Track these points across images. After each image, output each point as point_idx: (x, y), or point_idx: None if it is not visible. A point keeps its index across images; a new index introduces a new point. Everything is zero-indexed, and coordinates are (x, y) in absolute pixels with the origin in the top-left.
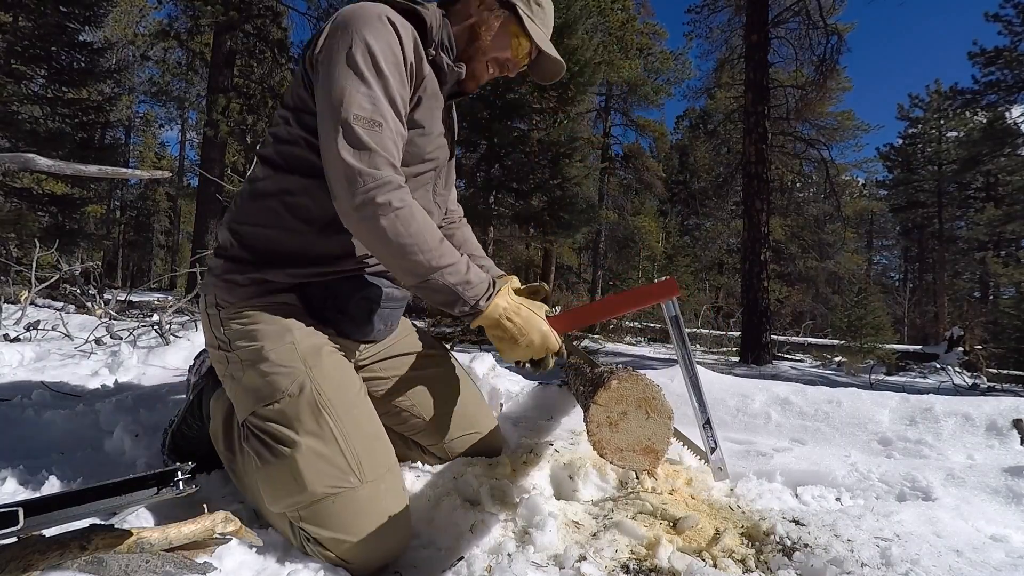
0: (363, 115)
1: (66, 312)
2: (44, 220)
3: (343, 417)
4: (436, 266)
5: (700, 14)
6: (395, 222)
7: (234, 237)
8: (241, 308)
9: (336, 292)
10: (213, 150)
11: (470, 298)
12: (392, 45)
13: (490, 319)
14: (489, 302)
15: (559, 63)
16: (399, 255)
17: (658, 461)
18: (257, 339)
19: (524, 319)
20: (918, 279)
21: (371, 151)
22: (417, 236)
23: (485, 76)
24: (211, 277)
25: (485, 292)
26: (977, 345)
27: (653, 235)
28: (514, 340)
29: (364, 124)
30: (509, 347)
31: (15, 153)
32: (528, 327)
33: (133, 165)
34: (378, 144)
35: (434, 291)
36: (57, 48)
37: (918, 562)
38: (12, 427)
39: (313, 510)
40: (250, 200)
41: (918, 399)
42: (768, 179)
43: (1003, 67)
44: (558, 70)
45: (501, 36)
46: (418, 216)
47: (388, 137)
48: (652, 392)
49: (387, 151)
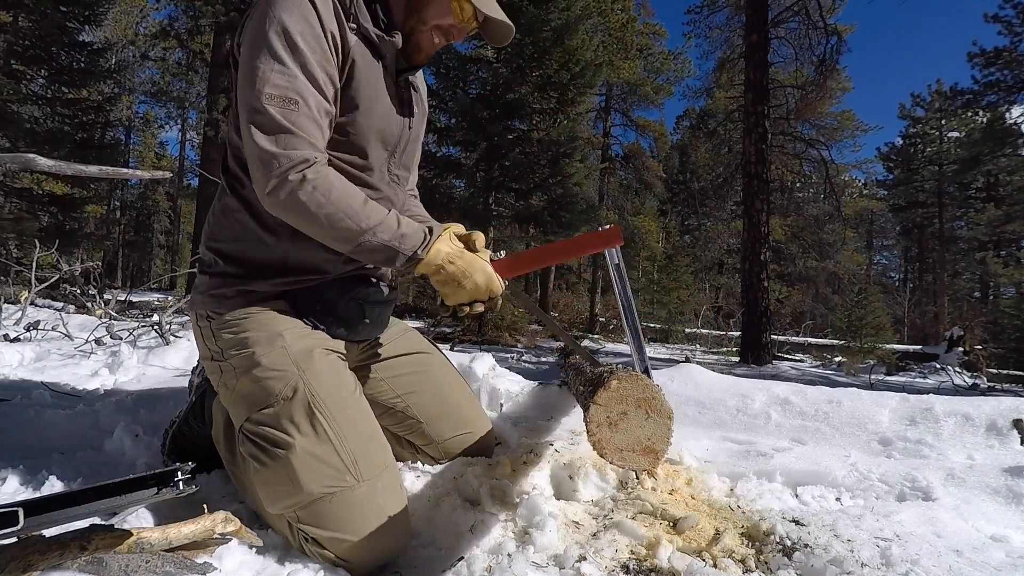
0: (276, 93)
1: (66, 312)
2: (44, 220)
3: (337, 417)
4: (365, 227)
5: (700, 14)
6: (314, 194)
7: (214, 254)
8: (231, 318)
9: (324, 295)
10: (213, 150)
11: (407, 249)
12: (309, 19)
13: (431, 265)
14: (427, 249)
15: (507, 25)
16: (327, 225)
17: (658, 461)
18: (248, 346)
19: (467, 261)
20: (918, 279)
21: (286, 132)
22: (339, 203)
23: (432, 45)
24: (197, 294)
25: (422, 241)
26: (977, 345)
27: (653, 235)
28: (458, 282)
29: (278, 103)
30: (453, 290)
31: (15, 153)
32: (471, 269)
33: (133, 165)
34: (293, 123)
35: (371, 252)
36: (57, 48)
37: (918, 562)
38: (12, 427)
39: (310, 510)
40: (221, 216)
41: (918, 399)
42: (768, 179)
43: (1003, 67)
44: (507, 32)
45: (439, 2)
46: (336, 183)
47: (305, 115)
48: (652, 392)
49: (303, 130)
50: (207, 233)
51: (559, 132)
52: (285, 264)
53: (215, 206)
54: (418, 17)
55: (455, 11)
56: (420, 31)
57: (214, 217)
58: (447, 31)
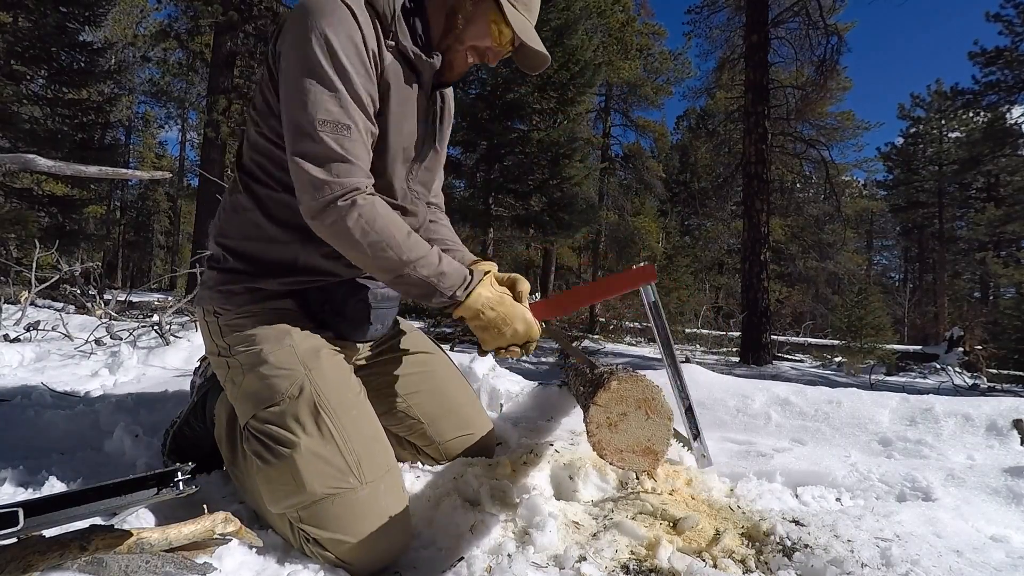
0: (329, 119)
1: (66, 312)
2: (44, 220)
3: (342, 418)
4: (407, 260)
5: (700, 14)
6: (359, 222)
7: (224, 250)
8: (239, 315)
9: (332, 295)
10: (213, 150)
11: (446, 289)
12: (353, 37)
13: (471, 309)
14: (468, 291)
15: (543, 55)
16: (370, 254)
17: (658, 462)
18: (256, 343)
19: (508, 308)
20: (918, 279)
21: (340, 160)
22: (383, 232)
23: (465, 65)
24: (205, 289)
25: (462, 283)
26: (977, 345)
27: (653, 235)
28: (498, 329)
29: (331, 129)
30: (493, 336)
31: (15, 153)
32: (512, 316)
33: (133, 165)
34: (347, 150)
35: (410, 285)
36: (57, 48)
37: (918, 562)
38: (12, 427)
39: (312, 511)
40: (231, 212)
41: (918, 399)
42: (768, 179)
43: (1003, 67)
44: (542, 62)
45: (480, 24)
46: (382, 212)
47: (358, 140)
48: (652, 393)
49: (356, 156)
50: (216, 228)
51: (559, 132)
52: (295, 264)
53: (226, 201)
54: (456, 37)
55: (494, 34)
56: (456, 50)
57: (224, 213)
58: (483, 52)
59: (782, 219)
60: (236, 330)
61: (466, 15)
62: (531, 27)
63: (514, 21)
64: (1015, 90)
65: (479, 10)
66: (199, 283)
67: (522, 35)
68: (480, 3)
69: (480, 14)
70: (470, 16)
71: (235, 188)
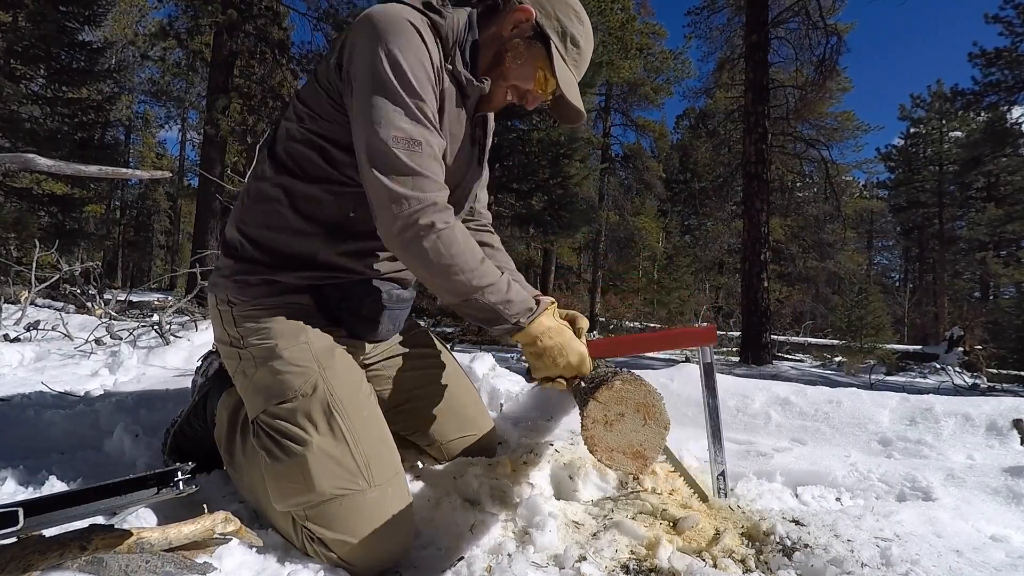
0: (402, 136)
1: (66, 312)
2: (44, 220)
3: (354, 419)
4: (477, 286)
5: (700, 15)
6: (437, 243)
7: (243, 238)
8: (254, 306)
9: (349, 294)
10: (213, 150)
11: (510, 316)
12: (420, 55)
13: (530, 335)
14: (532, 319)
15: (579, 112)
16: (441, 276)
17: (646, 468)
18: (271, 337)
19: (566, 340)
20: (918, 279)
21: (414, 174)
22: (459, 257)
23: (503, 101)
24: (220, 277)
25: (526, 310)
26: (977, 345)
27: (653, 235)
28: (552, 358)
29: (404, 146)
30: (546, 364)
31: (15, 153)
32: (568, 348)
33: (133, 165)
34: (421, 166)
35: (476, 309)
36: (57, 48)
37: (918, 562)
38: (12, 427)
39: (320, 510)
40: (256, 201)
41: (918, 399)
42: (768, 179)
43: (1004, 68)
44: (577, 117)
45: (527, 67)
46: (459, 237)
47: (429, 155)
48: (653, 399)
49: (431, 171)
50: (236, 216)
51: (559, 132)
52: (314, 259)
53: (249, 188)
54: (501, 73)
55: (539, 80)
56: (498, 85)
57: (248, 200)
58: (523, 94)
59: (782, 219)
60: (250, 321)
61: (516, 55)
62: (575, 83)
63: (560, 74)
64: (1015, 90)
65: (530, 54)
66: (214, 268)
67: (565, 89)
68: (532, 47)
69: (530, 58)
70: (520, 57)
71: (261, 176)
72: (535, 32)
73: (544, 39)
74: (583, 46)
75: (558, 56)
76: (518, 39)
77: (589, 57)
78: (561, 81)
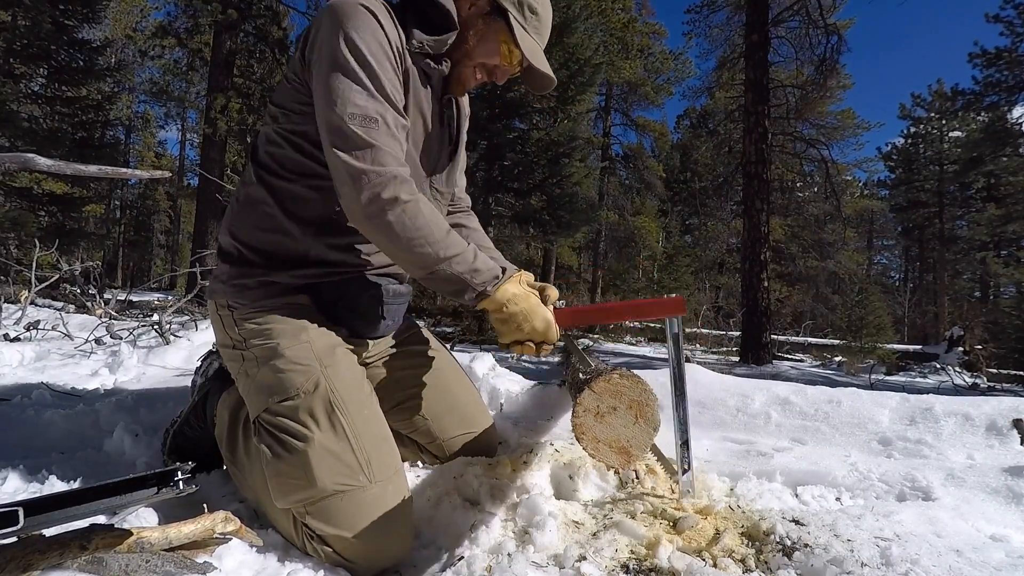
0: (359, 113)
1: (66, 312)
2: (44, 220)
3: (355, 417)
4: (443, 256)
5: (700, 14)
6: (402, 216)
7: (236, 242)
8: (255, 309)
9: (346, 291)
10: (213, 150)
11: (477, 284)
12: (378, 36)
13: (497, 302)
14: (497, 286)
15: (549, 78)
16: (407, 249)
17: (629, 464)
18: (273, 337)
19: (531, 305)
20: (918, 279)
21: (371, 147)
22: (424, 229)
23: (472, 81)
24: (218, 283)
25: (493, 278)
26: (977, 345)
27: (653, 235)
28: (518, 324)
29: (360, 122)
30: (511, 329)
31: (15, 153)
32: (532, 313)
33: (133, 165)
34: (377, 140)
35: (442, 280)
36: (56, 47)
37: (918, 562)
38: (12, 427)
39: (320, 506)
40: (245, 206)
41: (918, 399)
42: (768, 179)
43: (1004, 68)
44: (548, 83)
45: (490, 43)
46: (424, 209)
47: (386, 132)
48: (648, 399)
49: (387, 146)
50: (229, 222)
51: (559, 132)
52: (307, 257)
53: (239, 194)
54: (465, 52)
55: (504, 54)
56: (465, 65)
57: (238, 206)
58: (491, 70)
59: (782, 219)
60: (251, 322)
61: (477, 33)
62: (540, 50)
63: (523, 43)
64: (1015, 90)
65: (490, 29)
66: (211, 276)
67: (531, 57)
68: (491, 23)
69: (491, 33)
70: (481, 34)
71: (249, 181)
72: (492, 7)
73: (502, 12)
74: (540, 12)
75: (518, 26)
76: (476, 16)
77: (549, 21)
78: (526, 51)
